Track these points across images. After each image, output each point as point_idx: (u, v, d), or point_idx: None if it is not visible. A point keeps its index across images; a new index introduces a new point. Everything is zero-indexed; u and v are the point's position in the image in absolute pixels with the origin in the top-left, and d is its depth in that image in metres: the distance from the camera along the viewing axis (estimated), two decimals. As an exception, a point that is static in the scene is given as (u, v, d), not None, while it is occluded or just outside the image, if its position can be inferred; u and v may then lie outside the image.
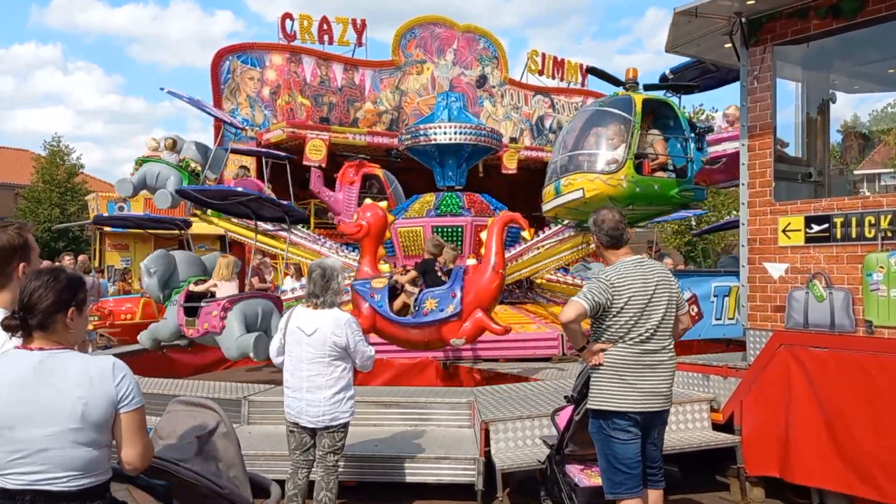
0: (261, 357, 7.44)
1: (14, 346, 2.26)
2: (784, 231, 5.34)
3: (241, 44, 18.19)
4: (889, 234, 4.72)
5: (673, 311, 3.78)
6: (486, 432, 5.31)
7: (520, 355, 9.14)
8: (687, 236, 25.98)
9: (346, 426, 4.47)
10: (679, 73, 8.33)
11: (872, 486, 4.55)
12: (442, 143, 11.31)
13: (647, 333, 3.68)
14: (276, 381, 6.06)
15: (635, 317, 3.67)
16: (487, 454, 5.23)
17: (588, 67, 8.69)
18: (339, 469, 4.56)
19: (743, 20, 5.57)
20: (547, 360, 9.11)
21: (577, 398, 4.16)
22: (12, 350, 2.25)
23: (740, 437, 5.43)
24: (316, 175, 14.73)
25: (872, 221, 4.81)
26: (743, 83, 5.69)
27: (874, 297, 4.73)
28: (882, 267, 4.68)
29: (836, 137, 8.58)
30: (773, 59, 5.53)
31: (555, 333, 9.31)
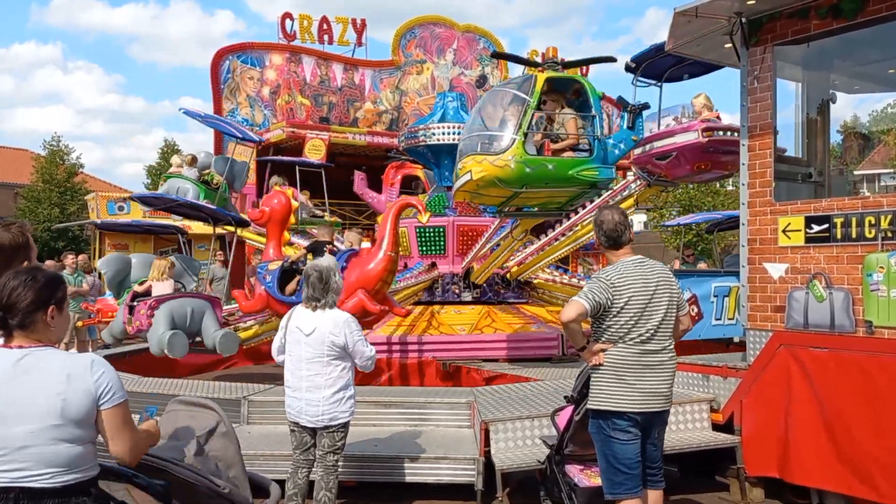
0: (176, 354, 7.79)
1: None
2: (784, 231, 5.34)
3: (241, 43, 18.22)
4: (889, 234, 4.72)
5: (673, 312, 3.77)
6: (486, 432, 5.31)
7: (520, 355, 9.16)
8: (688, 236, 25.88)
9: (345, 426, 4.48)
10: (644, 60, 7.78)
11: (871, 487, 4.54)
12: (432, 144, 11.11)
13: (648, 334, 3.67)
14: (276, 381, 6.07)
15: (636, 317, 3.66)
16: (487, 454, 5.22)
17: (493, 52, 8.57)
18: (339, 469, 4.56)
19: (743, 20, 5.56)
20: (547, 360, 9.13)
21: (576, 398, 4.16)
22: None
23: (740, 437, 5.42)
24: (360, 178, 14.98)
25: (872, 222, 4.80)
26: (743, 83, 5.69)
27: (874, 297, 4.73)
28: (882, 267, 4.68)
29: (836, 138, 8.56)
30: (773, 59, 5.53)
31: (555, 333, 9.31)
